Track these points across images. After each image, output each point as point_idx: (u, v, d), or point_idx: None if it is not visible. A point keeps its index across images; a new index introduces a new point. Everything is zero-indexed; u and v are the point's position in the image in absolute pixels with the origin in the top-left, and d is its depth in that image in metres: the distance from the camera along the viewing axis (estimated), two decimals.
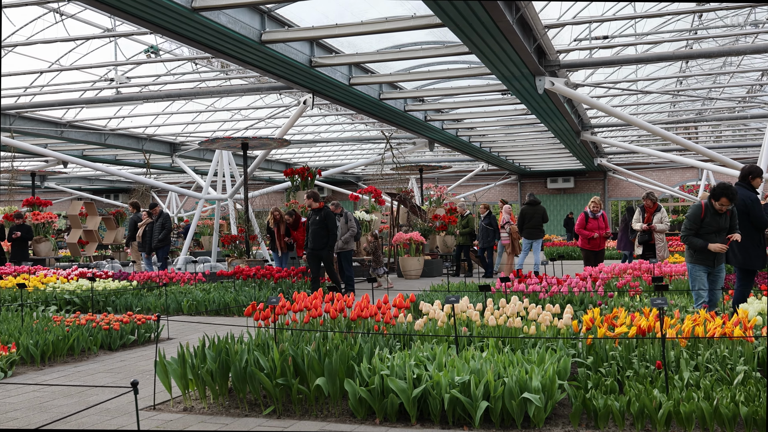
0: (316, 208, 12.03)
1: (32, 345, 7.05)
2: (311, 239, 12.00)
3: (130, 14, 9.34)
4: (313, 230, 11.99)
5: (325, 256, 11.94)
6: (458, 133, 22.14)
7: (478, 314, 6.23)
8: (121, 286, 12.00)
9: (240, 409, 5.24)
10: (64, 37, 13.91)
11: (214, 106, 20.99)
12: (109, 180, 38.53)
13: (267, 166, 31.44)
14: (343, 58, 13.01)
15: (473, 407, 4.62)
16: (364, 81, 14.36)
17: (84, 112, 20.55)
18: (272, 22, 11.14)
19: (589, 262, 12.91)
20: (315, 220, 12.00)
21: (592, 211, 12.80)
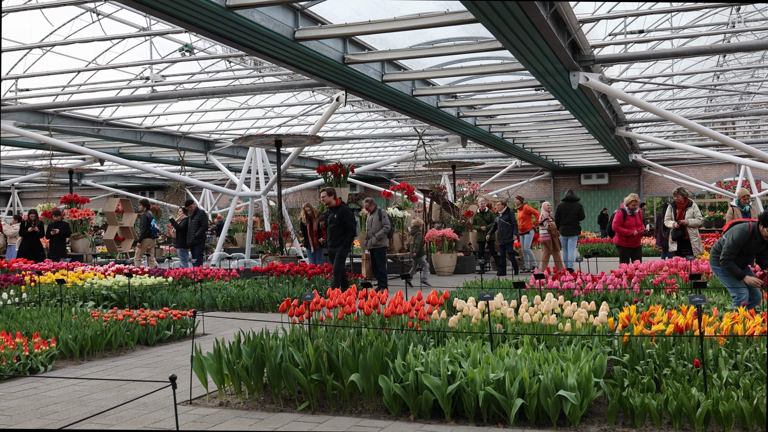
0: (334, 206, 11.92)
1: (71, 340, 7.17)
2: (329, 237, 11.96)
3: (165, 13, 9.44)
4: (330, 228, 11.89)
5: (340, 253, 11.78)
6: (491, 130, 22.03)
7: (512, 311, 6.20)
8: (157, 282, 12.15)
9: (275, 404, 5.27)
10: (100, 37, 14.11)
11: (247, 104, 21.15)
12: (145, 177, 38.99)
13: (300, 163, 31.59)
14: (375, 55, 13.01)
15: (508, 404, 4.60)
16: (396, 78, 14.35)
17: (120, 110, 20.83)
18: (305, 20, 11.18)
19: (626, 259, 12.73)
20: (333, 218, 11.87)
21: (630, 208, 12.61)
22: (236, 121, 23.64)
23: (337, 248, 11.76)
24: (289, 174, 34.88)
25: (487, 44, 12.32)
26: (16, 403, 5.45)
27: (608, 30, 13.94)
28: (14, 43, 14.60)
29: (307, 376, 5.12)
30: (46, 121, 19.40)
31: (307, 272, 12.63)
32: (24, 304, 9.43)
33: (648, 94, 20.87)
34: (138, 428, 4.74)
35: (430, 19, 10.80)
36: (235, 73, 17.59)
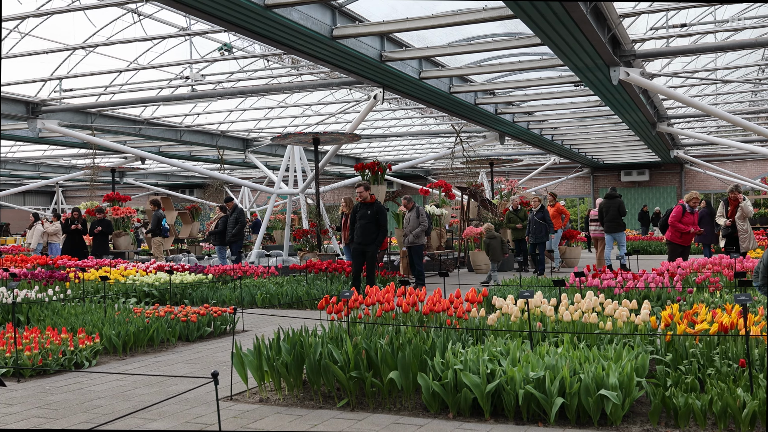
0: (368, 202, 11.39)
1: (114, 336, 7.29)
2: (359, 233, 11.30)
3: (205, 13, 9.54)
4: (362, 224, 11.28)
5: (372, 252, 11.30)
6: (529, 126, 21.87)
7: (552, 309, 6.14)
8: (197, 279, 12.29)
9: (314, 401, 5.30)
10: (141, 37, 14.30)
11: (285, 102, 21.28)
12: (185, 176, 39.49)
13: (337, 161, 31.70)
14: (413, 52, 12.99)
15: (548, 403, 4.56)
16: (434, 75, 14.31)
17: (161, 109, 21.11)
18: (343, 18, 11.21)
19: (676, 256, 12.45)
20: (365, 213, 11.28)
21: (690, 205, 12.37)
22: (274, 119, 23.80)
23: (370, 246, 11.26)
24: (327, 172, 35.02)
25: (525, 40, 12.23)
26: (62, 398, 5.56)
27: (649, 24, 13.74)
28: (58, 45, 14.87)
29: (346, 374, 5.14)
30: (89, 120, 19.73)
31: (345, 269, 12.67)
32: (69, 301, 9.61)
33: (690, 89, 20.52)
34: (180, 423, 4.80)
35: (468, 16, 10.74)
36: (273, 72, 17.70)
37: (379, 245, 11.37)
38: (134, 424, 4.81)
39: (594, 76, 13.34)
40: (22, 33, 14.36)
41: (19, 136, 22.22)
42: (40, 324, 8.00)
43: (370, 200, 11.41)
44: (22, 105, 17.96)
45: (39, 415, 5.07)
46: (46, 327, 7.41)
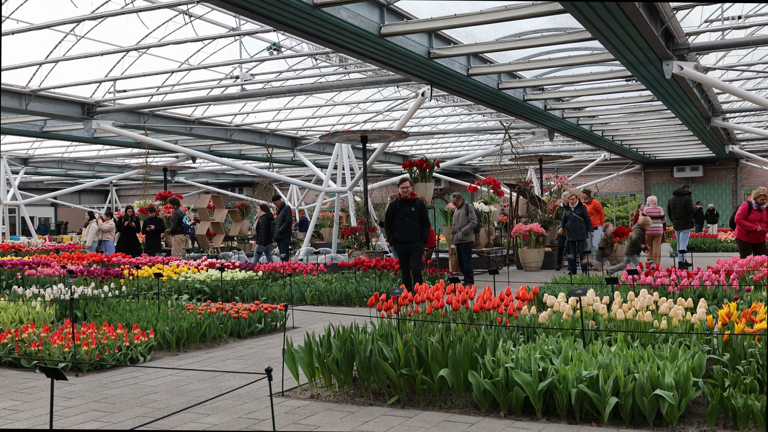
0: (410, 198, 10.94)
1: (168, 332, 7.42)
2: (401, 231, 10.83)
3: (255, 13, 9.63)
4: (405, 222, 10.82)
5: (418, 249, 10.92)
6: (579, 122, 21.59)
7: (605, 307, 6.05)
8: (248, 276, 12.43)
9: (364, 397, 5.32)
10: (192, 38, 14.50)
11: (333, 101, 21.37)
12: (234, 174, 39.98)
13: (384, 158, 31.74)
14: (461, 49, 12.93)
15: (602, 403, 4.50)
16: (482, 71, 14.22)
17: (211, 109, 21.41)
18: (391, 15, 11.20)
19: (746, 254, 12.14)
20: (409, 211, 10.84)
21: (758, 202, 12.09)
22: (322, 117, 23.94)
23: (416, 244, 10.87)
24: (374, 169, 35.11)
25: (575, 35, 12.07)
26: (118, 392, 5.68)
27: (704, 16, 13.42)
28: (112, 46, 15.17)
29: (397, 371, 5.14)
30: (142, 120, 20.11)
31: (394, 267, 12.68)
32: (123, 297, 9.81)
33: (747, 82, 19.99)
34: (233, 418, 4.86)
35: (517, 11, 10.64)
36: (321, 71, 17.80)
37: (425, 242, 11.00)
38: (188, 418, 4.88)
39: (646, 70, 13.10)
40: (78, 36, 14.68)
41: (75, 137, 22.80)
42: (96, 320, 8.18)
43: (411, 196, 11.02)
44: (78, 106, 18.40)
45: (96, 409, 5.18)
46: (102, 323, 7.58)
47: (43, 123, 21.20)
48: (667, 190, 36.58)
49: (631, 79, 15.82)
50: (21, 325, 7.52)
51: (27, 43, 14.76)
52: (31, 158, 30.66)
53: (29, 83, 16.46)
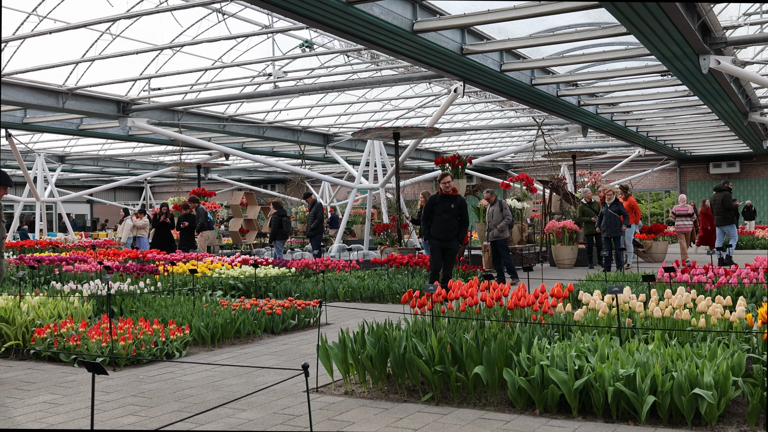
0: (452, 195, 10.64)
1: (203, 327, 7.48)
2: (439, 228, 10.46)
3: (288, 10, 9.67)
4: (443, 218, 10.48)
5: (454, 249, 10.61)
6: (613, 118, 21.36)
7: (641, 305, 5.98)
8: (281, 272, 12.50)
9: (399, 394, 5.32)
10: (225, 36, 14.62)
11: (365, 97, 21.40)
12: (267, 171, 40.23)
13: (416, 155, 31.70)
14: (494, 45, 12.86)
15: (639, 401, 4.45)
16: (515, 67, 14.14)
17: (244, 106, 21.56)
18: (423, 11, 11.18)
19: None
20: (448, 207, 10.50)
21: None
22: (354, 114, 23.98)
23: (452, 242, 10.48)
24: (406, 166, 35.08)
25: (610, 30, 11.94)
26: (155, 386, 5.74)
27: (741, 10, 13.19)
28: (147, 45, 15.35)
29: (431, 368, 5.13)
30: (176, 118, 20.32)
31: (426, 264, 12.66)
32: (159, 293, 9.92)
33: None
34: (268, 413, 4.89)
35: (551, 6, 10.56)
36: (353, 67, 17.83)
37: (461, 241, 10.70)
38: (224, 413, 4.92)
39: (682, 65, 12.92)
40: (113, 35, 14.88)
41: (110, 134, 23.10)
42: (132, 315, 8.29)
43: (452, 192, 10.71)
44: (113, 104, 18.64)
45: (134, 403, 5.25)
46: (138, 318, 7.67)
47: (79, 121, 21.53)
48: (703, 187, 36.06)
49: (666, 74, 15.62)
50: (60, 320, 7.64)
51: (64, 43, 15.01)
52: (67, 156, 31.14)
53: (66, 82, 16.72)
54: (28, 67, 15.18)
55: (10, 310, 7.48)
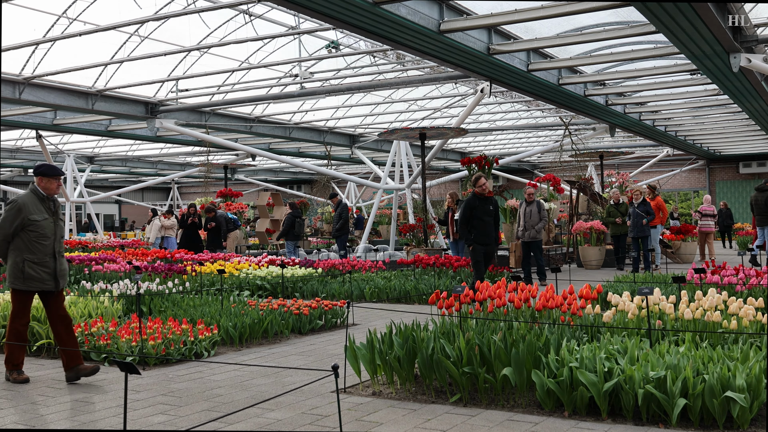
0: (486, 196, 10.47)
1: (231, 327, 7.53)
2: (483, 232, 10.25)
3: (315, 11, 9.69)
4: (484, 222, 10.26)
5: (494, 252, 10.39)
6: (641, 117, 21.15)
7: (671, 307, 5.92)
8: (308, 273, 12.54)
9: (426, 395, 5.31)
10: (252, 37, 14.69)
11: (391, 98, 21.40)
12: (293, 171, 40.37)
13: (442, 155, 31.63)
14: (521, 44, 12.79)
15: (669, 404, 4.40)
16: (542, 66, 14.05)
17: (270, 107, 21.66)
18: (450, 11, 11.15)
19: None
20: (488, 209, 10.32)
21: None
22: (380, 115, 23.99)
23: (494, 245, 10.28)
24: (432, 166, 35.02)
25: (639, 29, 11.81)
26: (184, 386, 5.79)
27: None
28: (175, 47, 15.47)
29: (459, 369, 5.12)
30: (203, 119, 20.47)
31: (453, 264, 12.63)
32: (187, 293, 10.00)
33: None
34: (296, 413, 4.90)
35: (579, 5, 10.47)
36: (379, 68, 17.84)
37: (497, 244, 10.53)
38: (253, 413, 4.95)
39: (712, 63, 12.76)
40: (142, 36, 15.02)
41: (138, 135, 23.33)
42: (161, 315, 8.36)
43: (489, 194, 10.50)
44: (141, 105, 18.82)
45: (164, 402, 5.30)
46: (167, 318, 7.73)
47: (108, 122, 21.76)
48: (732, 187, 35.60)
49: (696, 72, 15.43)
50: (90, 319, 7.73)
51: (93, 45, 15.17)
52: (96, 156, 31.50)
53: (95, 83, 16.91)
54: (58, 69, 15.37)
55: (41, 309, 7.58)
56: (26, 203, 5.97)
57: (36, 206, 6.00)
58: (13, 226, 5.94)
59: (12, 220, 5.94)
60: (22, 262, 5.94)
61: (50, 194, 6.10)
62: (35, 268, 5.95)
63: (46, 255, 6.00)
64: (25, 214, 5.93)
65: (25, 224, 5.94)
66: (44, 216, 6.02)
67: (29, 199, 6.02)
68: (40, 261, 5.97)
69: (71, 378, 5.99)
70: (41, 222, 5.99)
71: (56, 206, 6.18)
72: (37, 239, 5.96)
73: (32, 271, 5.94)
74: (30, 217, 5.93)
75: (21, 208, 5.94)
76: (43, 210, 6.04)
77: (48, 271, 6.01)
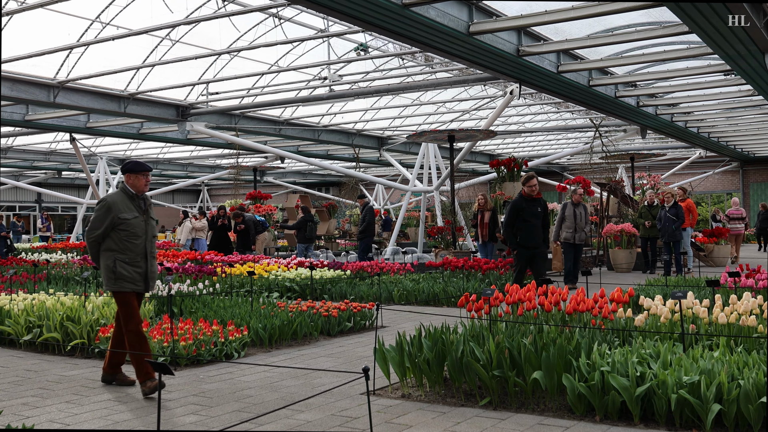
0: (537, 197, 10.03)
1: (261, 329, 7.57)
2: (530, 235, 9.84)
3: (345, 14, 9.72)
4: (531, 224, 9.84)
5: (542, 257, 9.96)
6: (673, 119, 20.92)
7: (705, 311, 5.84)
8: (336, 275, 12.56)
9: (456, 398, 5.29)
10: (282, 40, 14.77)
11: (419, 100, 21.40)
12: (321, 174, 40.52)
13: (470, 157, 31.54)
14: (551, 46, 12.72)
15: (704, 410, 4.34)
16: (572, 68, 13.96)
17: (299, 110, 21.76)
18: (479, 13, 11.12)
19: None
20: (535, 211, 9.88)
21: None
22: (408, 117, 24.00)
23: (540, 248, 9.87)
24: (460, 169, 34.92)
25: (671, 29, 11.69)
26: (215, 386, 5.83)
27: None
28: (205, 50, 15.61)
29: (489, 372, 5.10)
30: (233, 122, 20.62)
31: (482, 267, 12.58)
32: (217, 294, 10.07)
33: None
34: (326, 415, 4.91)
35: (610, 6, 10.39)
36: (407, 70, 17.85)
37: (547, 246, 10.12)
38: (283, 414, 4.97)
39: (747, 63, 12.58)
40: (173, 40, 15.18)
41: (169, 138, 23.57)
42: (192, 316, 8.42)
43: (537, 195, 10.04)
44: (172, 108, 19.01)
45: (195, 402, 5.34)
46: (198, 319, 7.79)
47: (140, 125, 22.01)
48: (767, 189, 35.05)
49: (730, 73, 15.24)
50: None
51: (125, 49, 15.35)
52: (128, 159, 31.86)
53: (127, 87, 17.11)
54: (91, 73, 15.58)
55: (75, 309, 7.68)
56: (115, 201, 5.78)
57: (126, 204, 5.81)
58: (103, 225, 5.73)
59: (102, 219, 5.74)
60: (113, 263, 5.73)
61: (139, 191, 5.90)
62: (127, 267, 5.75)
63: (137, 255, 5.81)
64: (114, 213, 5.72)
65: (116, 223, 5.73)
66: (134, 214, 5.82)
67: (118, 197, 5.84)
68: (131, 261, 5.78)
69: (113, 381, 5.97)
70: (132, 220, 5.78)
71: (147, 204, 5.98)
72: (128, 238, 5.75)
73: (124, 270, 5.73)
74: (120, 216, 5.73)
75: (110, 207, 5.74)
76: (133, 208, 5.84)
77: (139, 271, 5.82)
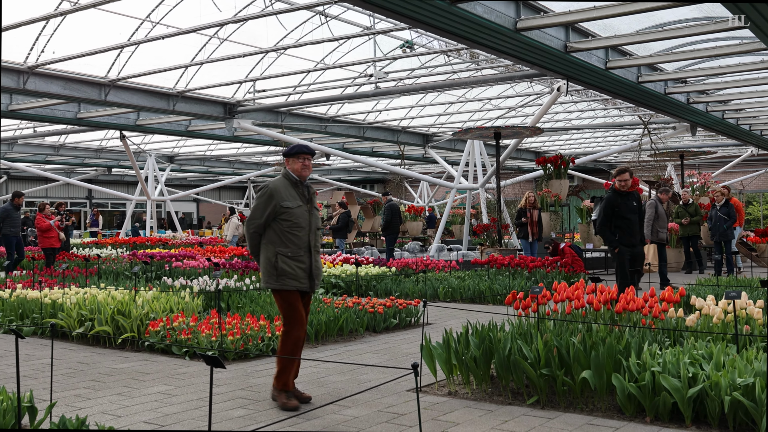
0: (630, 191, 9.12)
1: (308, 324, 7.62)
2: (629, 232, 8.96)
3: (392, 11, 9.72)
4: (629, 220, 8.95)
5: (642, 254, 9.25)
6: (724, 116, 20.46)
7: (760, 311, 5.71)
8: (381, 271, 12.60)
9: (503, 396, 5.27)
10: (328, 38, 14.84)
11: (465, 97, 21.29)
12: (366, 171, 40.61)
13: (516, 155, 31.29)
14: (599, 42, 12.54)
15: (758, 413, 4.24)
16: (621, 64, 13.74)
17: (345, 107, 21.83)
18: (527, 9, 11.02)
19: None
20: (631, 206, 9.02)
21: None
22: (454, 114, 23.90)
23: (638, 247, 9.11)
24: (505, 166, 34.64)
25: (723, 24, 11.40)
26: (262, 381, 5.90)
27: None
28: (253, 48, 15.76)
29: (537, 371, 5.06)
30: (279, 119, 20.78)
31: (528, 265, 12.49)
32: (264, 290, 10.17)
33: None
34: (373, 411, 4.93)
35: (660, 2, 10.20)
36: (453, 67, 17.77)
37: (644, 243, 9.54)
38: (330, 409, 5.00)
39: None
40: (221, 39, 15.35)
41: (216, 135, 23.85)
42: (239, 311, 8.53)
43: (629, 189, 9.16)
44: (220, 106, 19.23)
45: (243, 396, 5.40)
46: (245, 314, 7.89)
47: (188, 122, 22.31)
48: None
49: None
50: (172, 314, 7.94)
51: (174, 47, 15.58)
52: (176, 156, 32.34)
53: (176, 85, 17.36)
54: (141, 71, 15.85)
55: (126, 303, 7.84)
56: (278, 187, 5.25)
57: (288, 191, 5.26)
58: (264, 214, 5.20)
59: (264, 207, 5.21)
60: (274, 257, 5.17)
61: (301, 177, 5.36)
62: (289, 263, 5.16)
63: (300, 248, 5.22)
64: (277, 201, 5.19)
65: (278, 212, 5.18)
66: (298, 203, 5.26)
67: (281, 183, 5.31)
68: (294, 255, 5.19)
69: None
70: (295, 210, 5.22)
71: (310, 193, 5.44)
72: (291, 229, 5.18)
73: (286, 266, 5.15)
74: (282, 204, 5.18)
75: (272, 194, 5.21)
76: (297, 196, 5.29)
77: (303, 267, 5.22)
